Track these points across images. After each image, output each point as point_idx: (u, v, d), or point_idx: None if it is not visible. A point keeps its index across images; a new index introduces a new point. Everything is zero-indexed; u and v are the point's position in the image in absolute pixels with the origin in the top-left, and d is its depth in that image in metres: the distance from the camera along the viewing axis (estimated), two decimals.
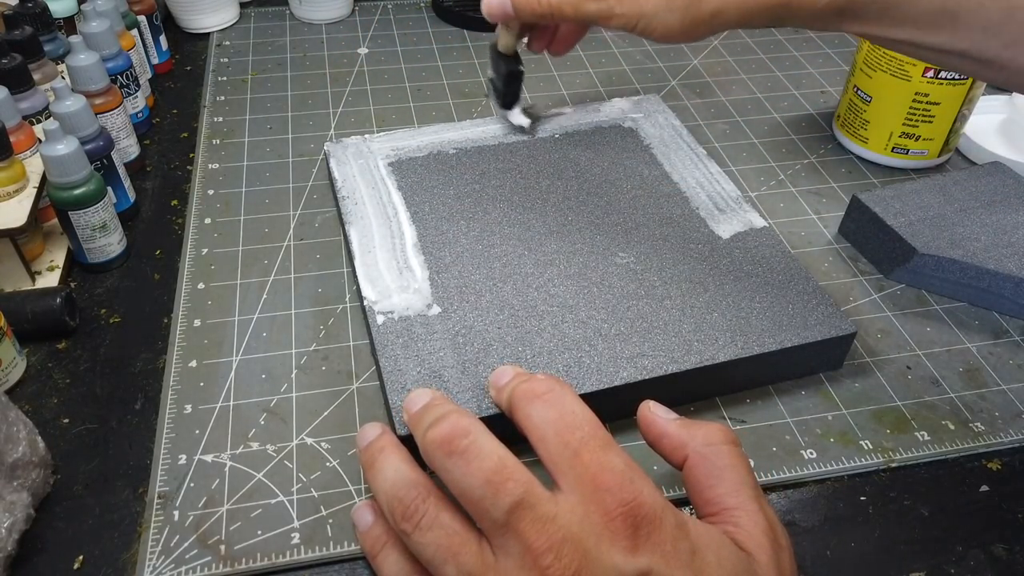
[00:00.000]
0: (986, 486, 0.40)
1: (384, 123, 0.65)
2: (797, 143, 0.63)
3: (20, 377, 0.44)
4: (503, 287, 0.45)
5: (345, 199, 0.51)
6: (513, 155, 0.56)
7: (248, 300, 0.48)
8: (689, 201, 0.52)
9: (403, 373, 0.40)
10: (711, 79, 0.71)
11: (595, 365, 0.41)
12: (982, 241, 0.49)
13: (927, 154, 0.60)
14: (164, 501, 0.38)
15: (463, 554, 0.28)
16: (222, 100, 0.67)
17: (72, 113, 0.49)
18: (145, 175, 0.59)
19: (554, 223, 0.50)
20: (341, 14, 0.79)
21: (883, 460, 0.41)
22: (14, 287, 0.48)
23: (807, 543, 0.37)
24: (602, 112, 0.60)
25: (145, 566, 0.35)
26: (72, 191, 0.47)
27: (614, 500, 0.28)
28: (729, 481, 0.31)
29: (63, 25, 0.64)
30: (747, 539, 0.30)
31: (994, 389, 0.44)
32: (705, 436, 0.32)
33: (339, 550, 0.36)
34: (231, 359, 0.45)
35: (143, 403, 0.43)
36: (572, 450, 0.29)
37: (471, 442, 0.29)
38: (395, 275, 0.46)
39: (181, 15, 0.76)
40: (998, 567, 0.37)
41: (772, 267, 0.46)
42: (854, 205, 0.53)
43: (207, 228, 0.54)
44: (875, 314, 0.49)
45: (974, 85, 0.56)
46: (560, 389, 0.32)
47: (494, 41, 0.54)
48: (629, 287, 0.45)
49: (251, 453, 0.40)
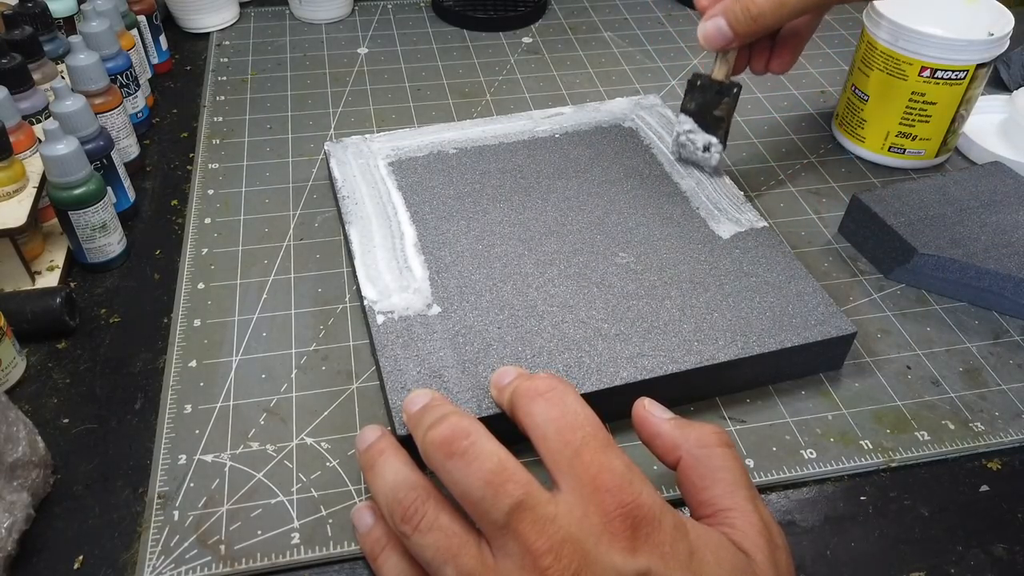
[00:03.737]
0: (986, 486, 0.40)
1: (384, 123, 0.65)
2: (797, 143, 0.63)
3: (20, 377, 0.44)
4: (503, 287, 0.45)
5: (345, 199, 0.51)
6: (513, 155, 0.56)
7: (248, 300, 0.48)
8: (689, 201, 0.52)
9: (403, 373, 0.40)
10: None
11: (595, 365, 0.41)
12: (982, 241, 0.49)
13: (924, 154, 0.60)
14: (164, 501, 0.38)
15: (463, 555, 0.28)
16: (222, 100, 0.67)
17: (72, 113, 0.49)
18: (145, 175, 0.59)
19: (554, 223, 0.50)
20: (341, 14, 0.79)
21: (883, 460, 0.41)
22: (14, 287, 0.48)
23: (807, 543, 0.37)
24: (602, 112, 0.60)
25: (145, 566, 0.35)
26: (72, 191, 0.47)
27: (613, 501, 0.28)
28: (723, 483, 0.31)
29: (63, 25, 0.64)
30: (743, 539, 0.30)
31: (994, 389, 0.44)
32: (699, 438, 0.32)
33: (339, 550, 0.36)
34: (231, 359, 0.45)
35: (143, 403, 0.43)
36: (573, 449, 0.29)
37: (471, 443, 0.29)
38: (395, 275, 0.46)
39: (181, 15, 0.76)
40: (998, 567, 0.37)
41: (772, 267, 0.46)
42: (854, 205, 0.53)
43: (207, 228, 0.54)
44: (875, 314, 0.49)
45: (972, 85, 0.56)
46: (562, 388, 0.32)
47: (697, 73, 0.51)
48: (629, 287, 0.45)
49: (251, 453, 0.40)
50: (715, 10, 0.45)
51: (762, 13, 0.44)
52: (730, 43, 0.46)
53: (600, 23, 0.80)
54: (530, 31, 0.78)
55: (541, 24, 0.80)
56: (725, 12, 0.44)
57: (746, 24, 0.44)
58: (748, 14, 0.44)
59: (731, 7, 0.44)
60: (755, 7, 0.43)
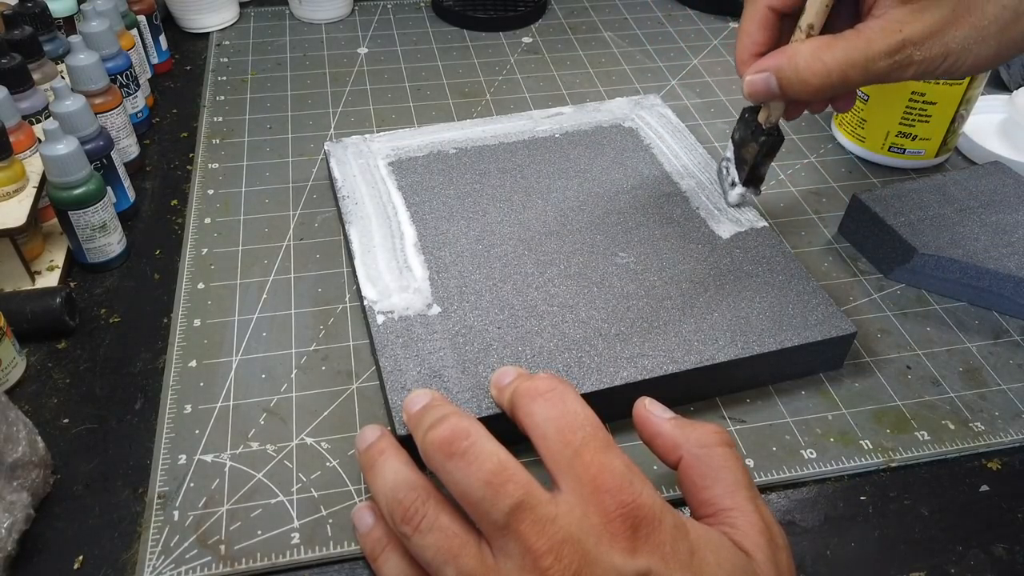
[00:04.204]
0: (986, 486, 0.40)
1: (384, 123, 0.65)
2: (797, 143, 0.63)
3: (20, 377, 0.44)
4: (503, 287, 0.45)
5: (345, 199, 0.51)
6: (513, 155, 0.56)
7: (248, 300, 0.48)
8: (689, 201, 0.52)
9: (403, 373, 0.40)
10: (711, 79, 0.71)
11: (595, 365, 0.41)
12: (982, 241, 0.49)
13: (924, 154, 0.60)
14: (164, 501, 0.38)
15: (463, 556, 0.28)
16: (222, 100, 0.67)
17: (72, 113, 0.49)
18: (145, 175, 0.59)
19: (554, 223, 0.50)
20: (341, 14, 0.79)
21: (883, 460, 0.41)
22: (14, 287, 0.48)
23: (807, 543, 0.37)
24: (602, 112, 0.60)
25: (145, 566, 0.35)
26: (72, 191, 0.47)
27: (614, 501, 0.28)
28: (724, 482, 0.31)
29: (63, 25, 0.64)
30: (744, 539, 0.30)
31: (994, 389, 0.44)
32: (699, 438, 0.32)
33: (339, 550, 0.36)
34: (231, 359, 0.45)
35: (143, 403, 0.43)
36: (573, 449, 0.29)
37: (471, 444, 0.29)
38: (395, 275, 0.46)
39: (181, 15, 0.76)
40: (998, 567, 0.37)
41: (772, 267, 0.46)
42: (854, 205, 0.53)
43: (207, 228, 0.54)
44: (875, 314, 0.49)
45: (971, 85, 0.56)
46: (562, 388, 0.32)
47: (749, 106, 0.47)
48: (629, 287, 0.45)
49: (251, 453, 0.40)
50: (765, 65, 0.41)
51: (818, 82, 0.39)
52: (775, 99, 0.43)
53: (600, 23, 0.80)
54: (530, 31, 0.78)
55: (541, 24, 0.80)
56: (779, 70, 0.40)
57: (798, 87, 0.40)
58: (799, 78, 0.39)
59: (786, 68, 0.40)
60: (811, 75, 0.39)
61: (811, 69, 0.38)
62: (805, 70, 0.39)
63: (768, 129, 0.46)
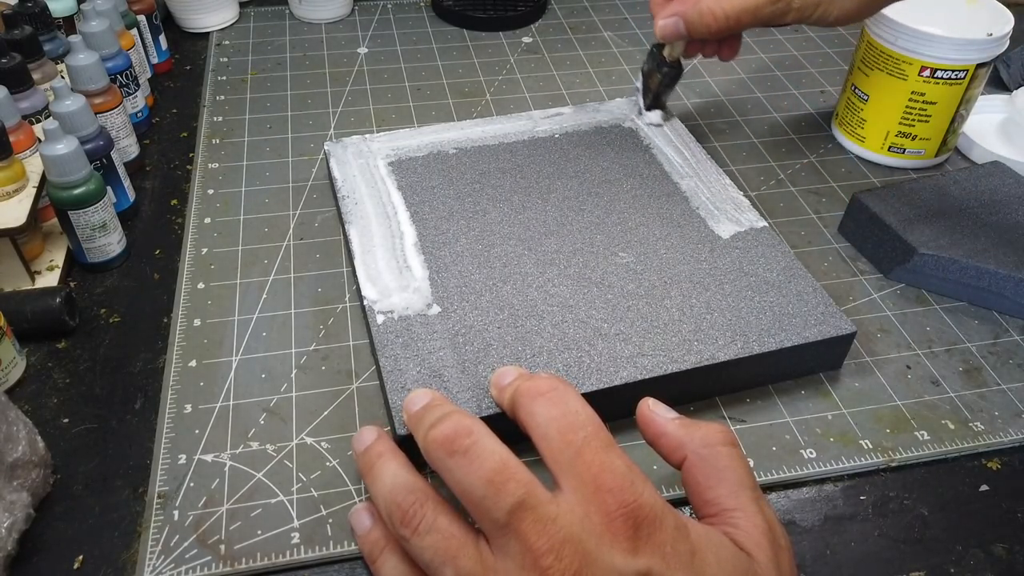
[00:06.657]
0: (986, 486, 0.40)
1: (384, 123, 0.65)
2: (797, 142, 0.63)
3: (20, 377, 0.44)
4: (503, 287, 0.45)
5: (345, 199, 0.51)
6: (513, 155, 0.56)
7: (248, 300, 0.48)
8: (689, 201, 0.52)
9: (403, 373, 0.40)
10: (711, 79, 0.71)
11: (595, 365, 0.41)
12: (982, 241, 0.49)
13: (924, 154, 0.60)
14: (164, 501, 0.38)
15: (461, 557, 0.28)
16: (222, 100, 0.67)
17: (72, 113, 0.49)
18: (145, 175, 0.59)
19: (554, 223, 0.50)
20: (341, 14, 0.79)
21: (883, 460, 0.41)
22: (14, 287, 0.48)
23: (807, 543, 0.37)
24: (602, 112, 0.60)
25: (145, 566, 0.35)
26: (72, 191, 0.47)
27: (615, 501, 0.28)
28: (728, 482, 0.31)
29: (63, 24, 0.64)
30: (746, 540, 0.30)
31: (994, 389, 0.44)
32: (704, 437, 0.32)
33: (339, 550, 0.36)
34: (231, 359, 0.45)
35: (143, 403, 0.43)
36: (574, 449, 0.29)
37: (473, 442, 0.29)
38: (395, 275, 0.46)
39: (181, 15, 0.76)
40: (998, 567, 0.37)
41: (772, 267, 0.47)
42: (854, 205, 0.53)
43: (207, 228, 0.54)
44: (875, 314, 0.49)
45: (971, 85, 0.56)
46: (563, 388, 0.32)
47: (656, 42, 0.55)
48: (629, 287, 0.45)
49: (251, 453, 0.40)
50: (674, 10, 0.51)
51: (717, 25, 0.49)
52: (682, 38, 0.52)
53: (600, 23, 0.80)
54: (530, 31, 0.78)
55: (541, 24, 0.80)
56: (685, 14, 0.50)
57: (701, 29, 0.50)
58: (702, 21, 0.49)
59: (690, 12, 0.50)
60: (712, 19, 0.49)
61: (713, 14, 0.48)
62: (708, 14, 0.48)
63: (670, 63, 0.55)
